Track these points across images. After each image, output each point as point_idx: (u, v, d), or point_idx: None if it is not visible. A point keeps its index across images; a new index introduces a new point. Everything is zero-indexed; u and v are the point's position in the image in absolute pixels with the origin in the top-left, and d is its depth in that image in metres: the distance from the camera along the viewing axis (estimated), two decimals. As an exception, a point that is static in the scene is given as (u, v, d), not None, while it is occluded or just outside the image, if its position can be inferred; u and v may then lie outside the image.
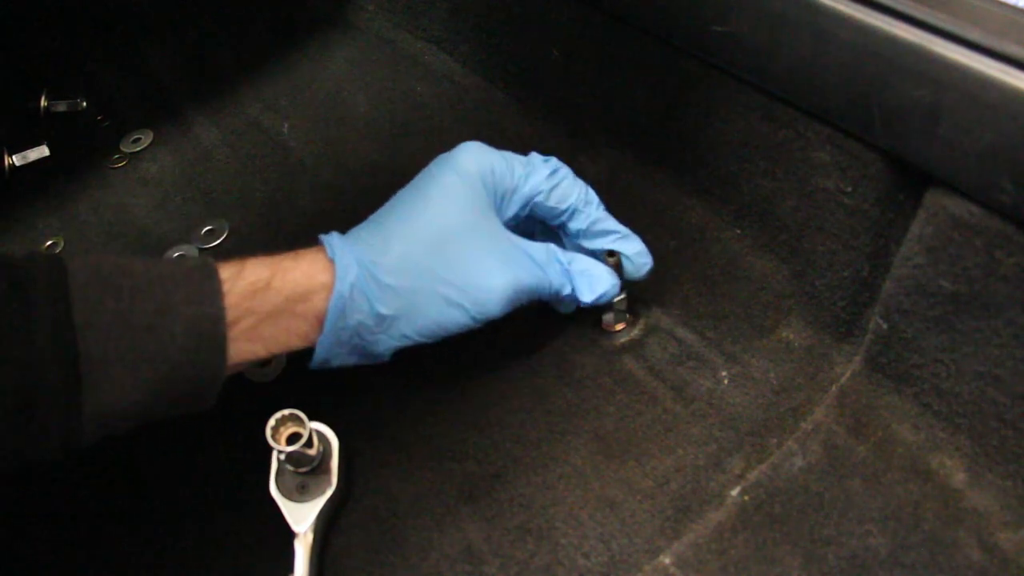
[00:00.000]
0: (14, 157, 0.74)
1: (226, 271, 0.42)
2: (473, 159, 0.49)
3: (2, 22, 0.82)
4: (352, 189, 0.67)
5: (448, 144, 0.50)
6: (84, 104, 0.80)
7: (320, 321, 0.44)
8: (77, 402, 0.36)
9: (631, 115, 0.61)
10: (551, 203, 0.50)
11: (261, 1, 0.87)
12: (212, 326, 0.40)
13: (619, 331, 0.54)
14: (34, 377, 0.35)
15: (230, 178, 0.71)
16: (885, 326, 0.47)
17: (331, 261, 0.44)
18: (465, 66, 0.76)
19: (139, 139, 0.76)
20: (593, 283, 0.50)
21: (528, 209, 0.51)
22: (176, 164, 0.73)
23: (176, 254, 0.64)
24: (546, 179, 0.50)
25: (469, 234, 0.47)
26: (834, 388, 0.49)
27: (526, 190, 0.50)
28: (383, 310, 0.44)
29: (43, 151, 0.75)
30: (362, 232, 0.47)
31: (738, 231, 0.57)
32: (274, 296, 0.43)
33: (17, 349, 0.35)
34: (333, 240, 0.46)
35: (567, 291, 0.49)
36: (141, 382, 0.38)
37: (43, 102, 0.79)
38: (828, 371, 0.50)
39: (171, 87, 0.81)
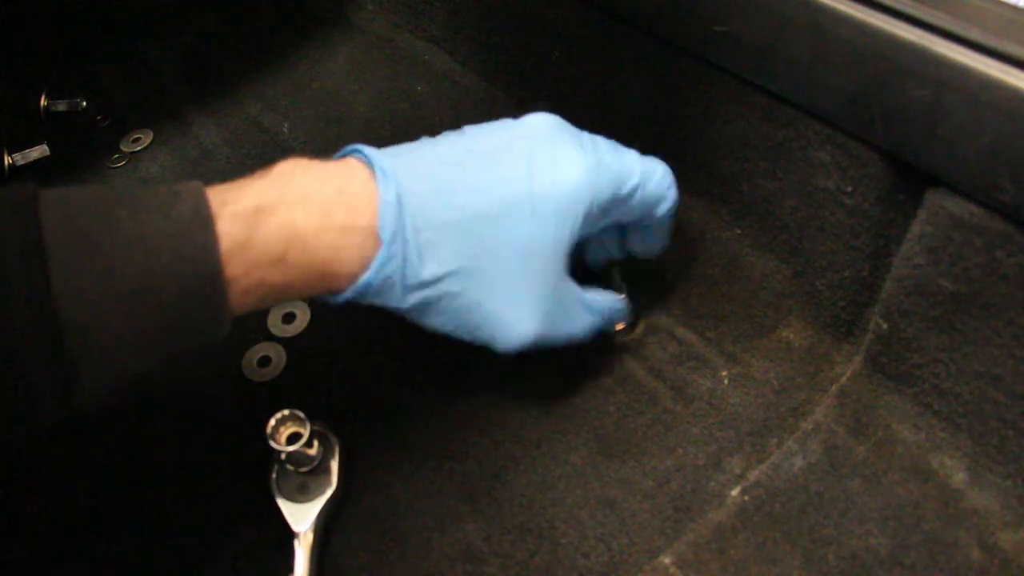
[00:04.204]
0: (14, 156, 0.74)
1: (229, 230, 0.37)
2: (591, 192, 0.43)
3: (2, 21, 0.82)
4: (352, 189, 0.67)
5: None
6: (84, 104, 0.80)
7: (337, 290, 0.41)
8: (72, 372, 0.34)
9: (631, 115, 0.61)
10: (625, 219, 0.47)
11: (261, 1, 0.87)
12: (209, 286, 0.36)
13: (619, 331, 0.54)
14: (16, 354, 0.33)
15: (230, 178, 0.70)
16: (885, 326, 0.47)
17: (373, 237, 0.39)
18: (465, 66, 0.76)
19: (139, 139, 0.76)
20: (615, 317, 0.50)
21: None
22: (176, 164, 0.73)
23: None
24: (646, 211, 0.46)
25: (529, 278, 0.43)
26: (834, 388, 0.49)
27: (610, 220, 0.46)
28: (407, 305, 0.42)
29: (43, 150, 0.74)
30: (429, 212, 0.40)
31: (738, 231, 0.57)
32: (288, 269, 0.38)
33: None
34: (386, 217, 0.39)
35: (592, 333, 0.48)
36: (134, 347, 0.36)
37: (43, 102, 0.79)
38: (828, 371, 0.50)
39: (171, 87, 0.81)
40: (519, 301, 0.43)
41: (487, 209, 0.41)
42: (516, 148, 0.43)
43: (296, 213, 0.38)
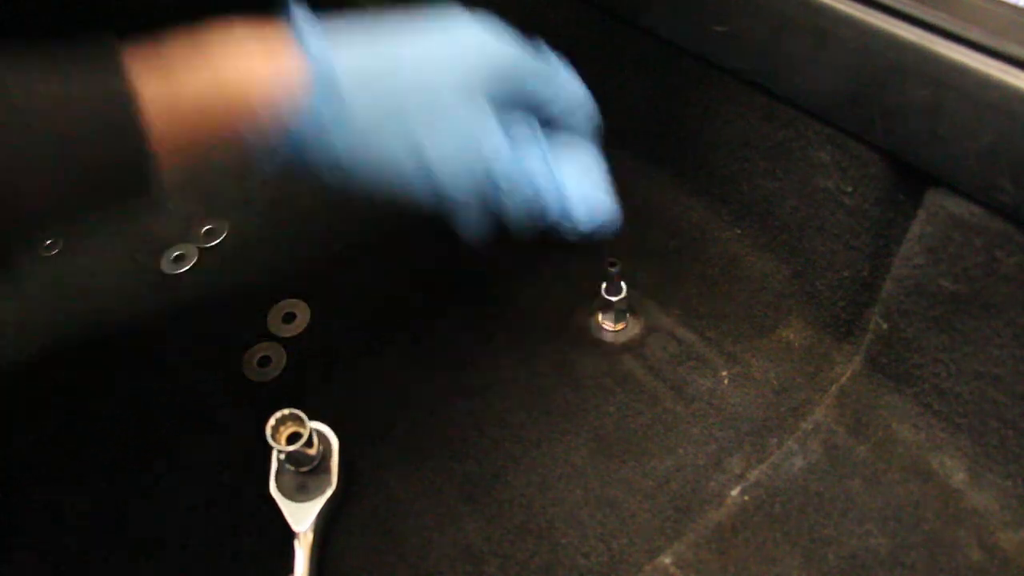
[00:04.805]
0: (14, 157, 0.74)
1: (148, 79, 0.37)
2: (501, 51, 0.44)
3: (2, 22, 0.82)
4: (352, 189, 0.67)
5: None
6: (84, 104, 0.80)
7: (268, 139, 0.40)
8: None
9: (631, 115, 0.61)
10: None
11: (261, 1, 0.87)
12: (130, 124, 0.36)
13: (619, 331, 0.54)
14: None
15: (230, 178, 0.71)
16: (885, 326, 0.47)
17: (302, 81, 0.39)
18: (465, 66, 0.76)
19: (139, 139, 0.76)
20: (592, 209, 0.41)
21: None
22: (176, 164, 0.73)
23: (176, 254, 0.64)
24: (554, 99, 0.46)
25: (448, 117, 0.41)
26: (834, 388, 0.49)
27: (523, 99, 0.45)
28: (340, 153, 0.40)
29: (43, 151, 0.74)
30: (354, 57, 0.41)
31: (738, 231, 0.57)
32: (214, 114, 0.39)
33: None
34: (310, 46, 0.40)
35: (544, 207, 0.41)
36: (46, 171, 0.35)
37: (43, 102, 0.79)
38: (828, 371, 0.50)
39: (171, 87, 0.81)
40: (443, 137, 0.40)
41: (406, 53, 0.42)
42: (438, 18, 0.45)
43: (224, 60, 0.40)
